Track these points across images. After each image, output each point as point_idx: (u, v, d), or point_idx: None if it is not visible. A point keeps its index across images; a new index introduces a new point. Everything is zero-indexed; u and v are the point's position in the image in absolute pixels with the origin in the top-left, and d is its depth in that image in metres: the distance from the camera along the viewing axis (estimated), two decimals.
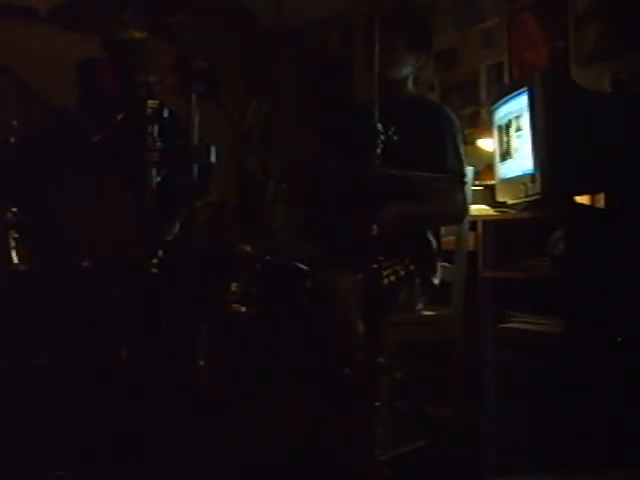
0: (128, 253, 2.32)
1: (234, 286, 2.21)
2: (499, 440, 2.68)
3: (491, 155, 3.16)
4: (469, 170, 2.78)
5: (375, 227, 1.93)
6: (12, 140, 2.52)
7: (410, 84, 2.76)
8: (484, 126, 3.59)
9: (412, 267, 2.51)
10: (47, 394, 2.20)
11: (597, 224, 2.62)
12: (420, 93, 2.89)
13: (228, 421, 2.14)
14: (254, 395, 2.18)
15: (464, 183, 2.67)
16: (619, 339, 2.50)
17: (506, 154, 2.92)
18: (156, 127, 2.25)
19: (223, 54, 2.71)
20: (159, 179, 2.27)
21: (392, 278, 2.38)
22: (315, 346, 2.22)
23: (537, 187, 2.62)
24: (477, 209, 3.02)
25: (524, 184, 2.71)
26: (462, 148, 2.70)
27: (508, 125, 2.87)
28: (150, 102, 2.26)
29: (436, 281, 2.70)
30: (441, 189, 2.52)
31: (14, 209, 2.37)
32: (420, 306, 2.67)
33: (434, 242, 2.72)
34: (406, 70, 2.71)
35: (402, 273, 2.45)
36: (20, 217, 2.37)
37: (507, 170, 2.92)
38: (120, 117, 2.70)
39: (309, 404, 2.20)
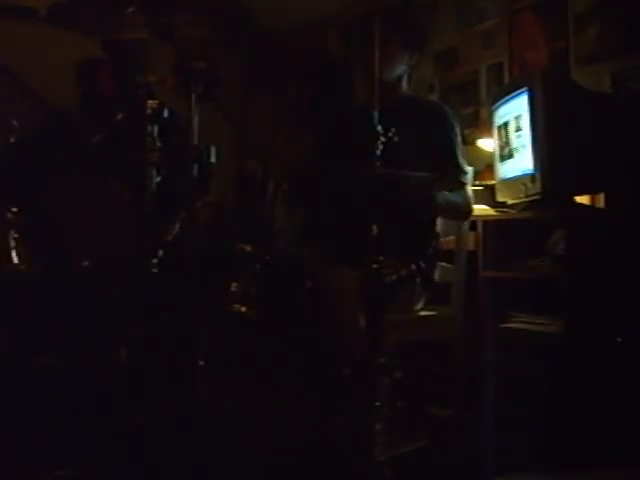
0: (128, 253, 2.32)
1: (234, 286, 2.21)
2: (499, 440, 2.68)
3: (491, 155, 3.16)
4: (469, 170, 2.77)
5: (375, 227, 1.93)
6: (12, 140, 2.52)
7: (404, 84, 2.75)
8: (484, 126, 3.59)
9: (413, 266, 2.51)
10: (47, 394, 2.20)
11: (597, 224, 2.62)
12: (416, 93, 2.87)
13: (229, 421, 2.14)
14: (254, 395, 2.18)
15: (464, 184, 2.67)
16: (619, 339, 2.50)
17: (506, 154, 2.92)
18: (156, 127, 2.25)
19: (223, 54, 2.71)
20: (159, 179, 2.27)
21: (393, 277, 2.38)
22: (315, 346, 2.22)
23: (537, 187, 2.62)
24: (477, 209, 3.02)
25: (524, 184, 2.71)
26: (461, 145, 2.70)
27: (508, 125, 2.87)
28: (150, 102, 2.26)
29: (435, 278, 2.69)
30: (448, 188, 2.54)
31: (14, 209, 2.37)
32: (420, 305, 2.67)
33: (434, 241, 2.72)
34: (399, 70, 2.69)
35: (403, 272, 2.45)
36: (20, 217, 2.37)
37: (507, 170, 2.92)
38: (120, 117, 2.70)
39: (309, 404, 2.20)
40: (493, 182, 3.12)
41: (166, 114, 2.31)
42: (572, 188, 2.68)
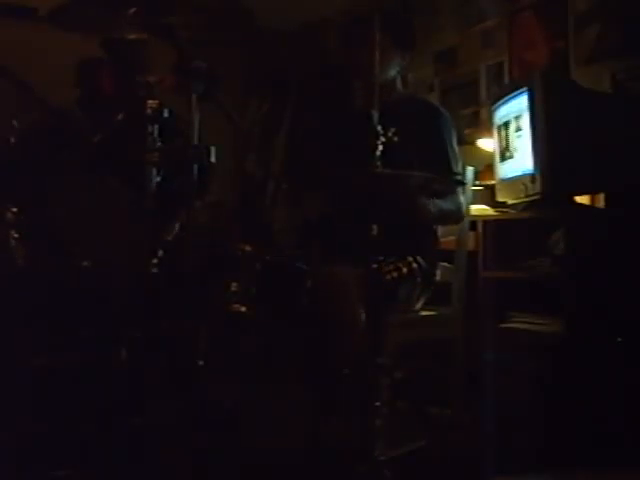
0: (128, 253, 2.32)
1: (234, 286, 2.21)
2: (499, 440, 2.68)
3: (491, 155, 3.16)
4: (469, 170, 2.77)
5: (375, 227, 1.93)
6: (12, 140, 2.53)
7: (399, 84, 2.73)
8: (484, 126, 3.59)
9: (414, 265, 2.51)
10: (47, 394, 2.20)
11: (597, 224, 2.62)
12: (412, 93, 2.86)
13: (228, 421, 2.14)
14: (254, 395, 2.18)
15: (463, 184, 2.66)
16: (619, 339, 2.50)
17: (506, 154, 2.92)
18: (156, 127, 2.25)
19: (223, 54, 2.71)
20: (159, 179, 2.27)
21: (394, 274, 2.37)
22: (315, 346, 2.22)
23: (537, 187, 2.62)
24: (477, 209, 3.02)
25: (524, 184, 2.71)
26: (457, 149, 2.68)
27: (508, 125, 2.87)
28: (150, 102, 2.26)
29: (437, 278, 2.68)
30: (442, 190, 2.51)
31: (14, 209, 2.37)
32: (420, 304, 2.66)
33: (434, 240, 2.70)
34: (392, 71, 2.68)
35: (404, 270, 2.44)
36: (20, 217, 2.37)
37: (507, 170, 2.93)
38: (120, 117, 2.70)
39: (309, 404, 2.20)
40: (493, 182, 3.13)
41: (166, 114, 2.31)
42: (572, 188, 2.69)
